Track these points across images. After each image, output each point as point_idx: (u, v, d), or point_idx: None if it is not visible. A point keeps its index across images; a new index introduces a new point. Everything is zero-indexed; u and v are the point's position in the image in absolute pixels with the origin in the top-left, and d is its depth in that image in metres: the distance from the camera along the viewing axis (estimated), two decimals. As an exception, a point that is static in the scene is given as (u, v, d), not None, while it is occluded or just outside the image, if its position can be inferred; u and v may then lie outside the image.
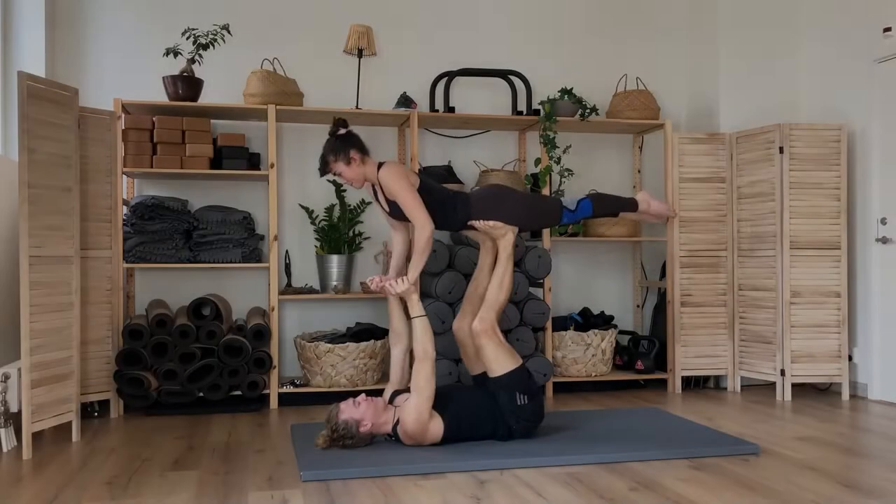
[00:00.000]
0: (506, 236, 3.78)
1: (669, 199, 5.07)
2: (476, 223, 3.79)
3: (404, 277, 3.54)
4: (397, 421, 3.45)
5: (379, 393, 3.85)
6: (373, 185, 3.79)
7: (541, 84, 5.44)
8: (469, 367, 3.83)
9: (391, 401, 3.64)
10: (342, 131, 3.74)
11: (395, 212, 3.74)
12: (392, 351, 3.81)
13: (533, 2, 5.52)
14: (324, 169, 3.76)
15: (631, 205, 4.12)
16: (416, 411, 3.38)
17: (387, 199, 3.73)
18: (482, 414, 3.54)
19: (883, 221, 4.72)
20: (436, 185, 3.85)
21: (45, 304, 3.56)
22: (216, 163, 4.63)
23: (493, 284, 3.72)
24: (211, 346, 4.38)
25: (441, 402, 3.47)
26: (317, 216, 5.02)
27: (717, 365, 5.06)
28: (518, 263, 4.84)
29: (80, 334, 3.90)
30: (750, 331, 4.96)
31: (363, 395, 3.52)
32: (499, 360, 3.56)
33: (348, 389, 4.58)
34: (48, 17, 4.70)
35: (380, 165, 3.73)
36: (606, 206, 4.08)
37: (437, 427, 3.44)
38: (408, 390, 3.60)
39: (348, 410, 3.43)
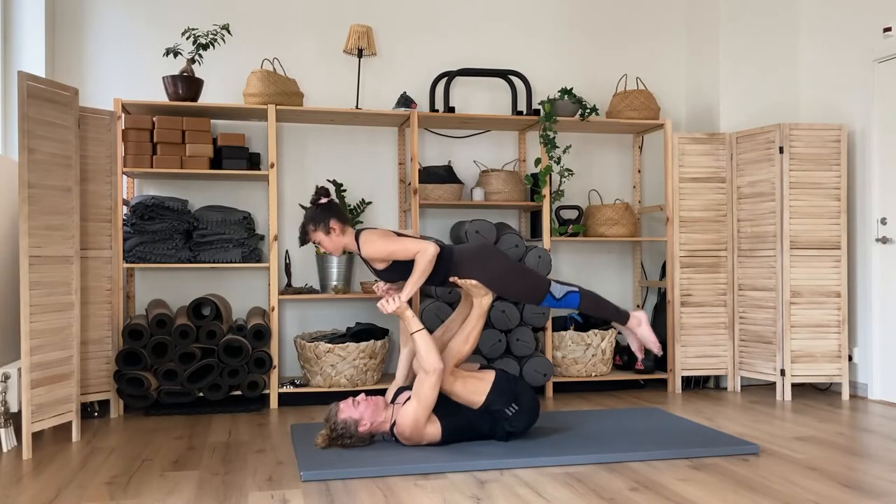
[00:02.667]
0: (485, 297, 3.65)
1: (669, 199, 5.08)
2: (457, 280, 3.67)
3: (396, 296, 3.50)
4: (394, 422, 3.45)
5: (379, 393, 3.85)
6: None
7: (541, 84, 5.45)
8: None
9: (395, 398, 3.64)
10: (324, 200, 3.72)
11: (385, 276, 3.71)
12: (402, 350, 3.82)
13: (533, 2, 5.52)
14: (303, 238, 3.73)
15: (622, 317, 3.75)
16: (414, 417, 3.39)
17: (373, 268, 3.71)
18: (479, 415, 3.54)
19: (883, 221, 4.72)
20: None
21: (45, 304, 3.56)
22: (216, 163, 4.63)
23: (460, 337, 3.63)
24: (211, 346, 4.38)
25: (439, 404, 3.46)
26: (317, 216, 5.01)
27: (717, 365, 5.06)
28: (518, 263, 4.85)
29: (80, 334, 3.91)
30: (750, 331, 4.96)
31: (363, 394, 3.52)
32: (473, 392, 3.52)
33: (348, 389, 4.58)
34: (48, 18, 4.70)
35: (357, 234, 3.66)
36: (595, 306, 3.72)
37: (433, 430, 3.45)
38: (411, 388, 3.61)
39: (347, 410, 3.44)
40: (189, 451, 3.55)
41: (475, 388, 3.53)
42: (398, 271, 3.66)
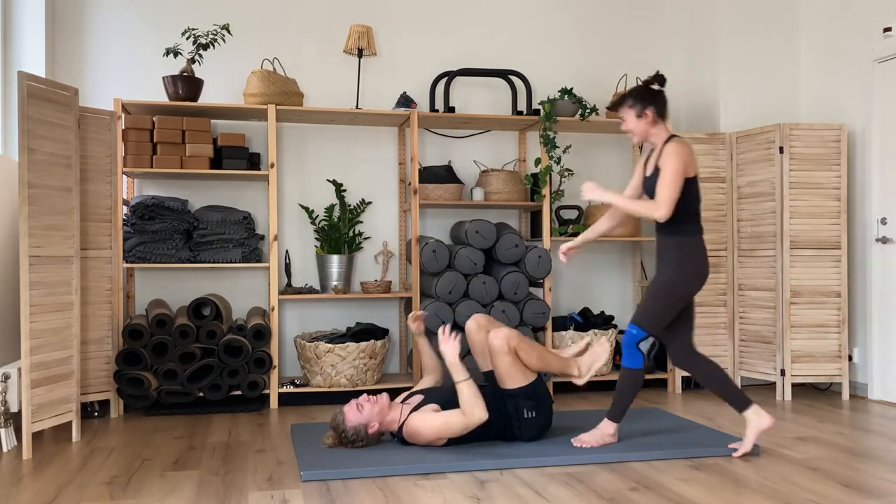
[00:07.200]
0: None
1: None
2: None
3: (456, 341, 3.48)
4: (403, 421, 3.44)
5: (378, 392, 3.85)
6: (650, 150, 3.63)
7: (541, 84, 5.45)
8: (479, 363, 3.81)
9: (406, 399, 3.64)
10: (655, 87, 3.57)
11: (648, 184, 3.57)
12: (423, 379, 3.98)
13: (533, 2, 5.52)
14: (616, 105, 3.65)
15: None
16: (435, 432, 3.38)
17: (655, 166, 3.53)
18: (492, 415, 3.52)
19: (883, 221, 4.72)
20: None
21: (45, 304, 3.56)
22: (216, 163, 4.63)
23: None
24: (211, 346, 4.38)
25: (453, 403, 3.45)
26: (317, 216, 5.02)
27: (717, 365, 5.06)
28: (518, 263, 4.85)
29: (80, 334, 3.91)
30: (750, 331, 4.96)
31: (364, 395, 3.50)
32: (510, 375, 3.52)
33: (348, 389, 4.59)
34: (48, 18, 4.70)
35: (671, 138, 3.51)
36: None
37: None
38: (423, 392, 3.64)
39: (354, 416, 3.42)
40: (189, 451, 3.55)
41: (515, 375, 3.52)
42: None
